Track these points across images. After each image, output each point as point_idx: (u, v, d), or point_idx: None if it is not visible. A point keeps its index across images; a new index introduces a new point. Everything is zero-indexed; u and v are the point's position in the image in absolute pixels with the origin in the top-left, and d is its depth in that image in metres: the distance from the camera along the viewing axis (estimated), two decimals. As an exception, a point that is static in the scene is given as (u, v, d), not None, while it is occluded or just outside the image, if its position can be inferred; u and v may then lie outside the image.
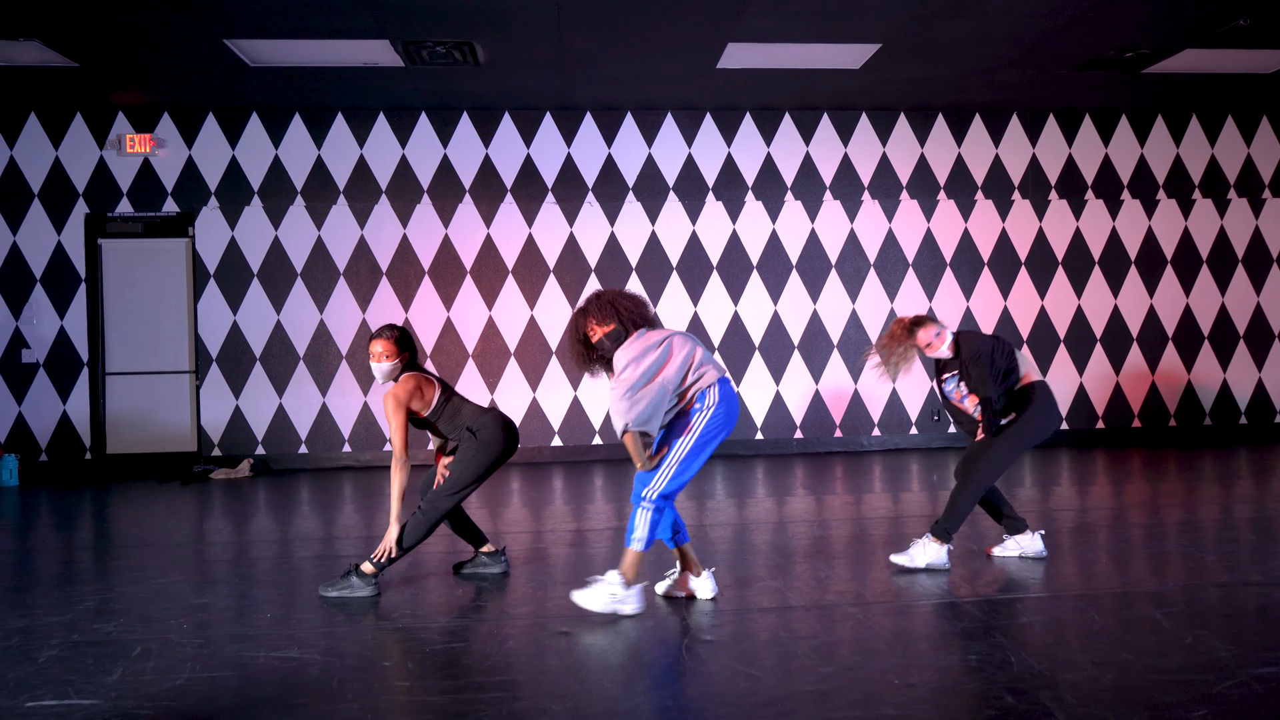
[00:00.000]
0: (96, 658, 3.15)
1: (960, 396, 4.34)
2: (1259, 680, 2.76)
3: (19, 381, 8.05)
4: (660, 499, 3.51)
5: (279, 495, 6.86)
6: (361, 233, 8.25)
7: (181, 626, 3.50)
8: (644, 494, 3.52)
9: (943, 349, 4.28)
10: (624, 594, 3.50)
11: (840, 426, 8.60)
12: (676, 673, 3.00)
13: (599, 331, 3.59)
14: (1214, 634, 3.18)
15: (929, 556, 4.12)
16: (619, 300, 3.63)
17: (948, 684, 2.84)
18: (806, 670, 2.94)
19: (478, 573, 4.23)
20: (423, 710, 2.69)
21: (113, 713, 2.67)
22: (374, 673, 2.99)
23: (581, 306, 3.68)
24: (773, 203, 8.54)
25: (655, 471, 3.53)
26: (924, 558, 4.12)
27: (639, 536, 3.52)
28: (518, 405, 8.27)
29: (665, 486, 3.51)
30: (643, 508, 3.52)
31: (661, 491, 3.51)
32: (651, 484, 3.51)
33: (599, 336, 3.59)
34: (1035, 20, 6.45)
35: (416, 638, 3.39)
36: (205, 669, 3.03)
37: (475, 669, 3.05)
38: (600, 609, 3.48)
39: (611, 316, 3.59)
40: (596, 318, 3.60)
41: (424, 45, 6.64)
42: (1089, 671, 2.86)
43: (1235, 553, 4.45)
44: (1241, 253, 8.94)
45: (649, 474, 3.54)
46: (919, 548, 4.14)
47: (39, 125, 8.06)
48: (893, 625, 3.41)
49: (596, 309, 3.61)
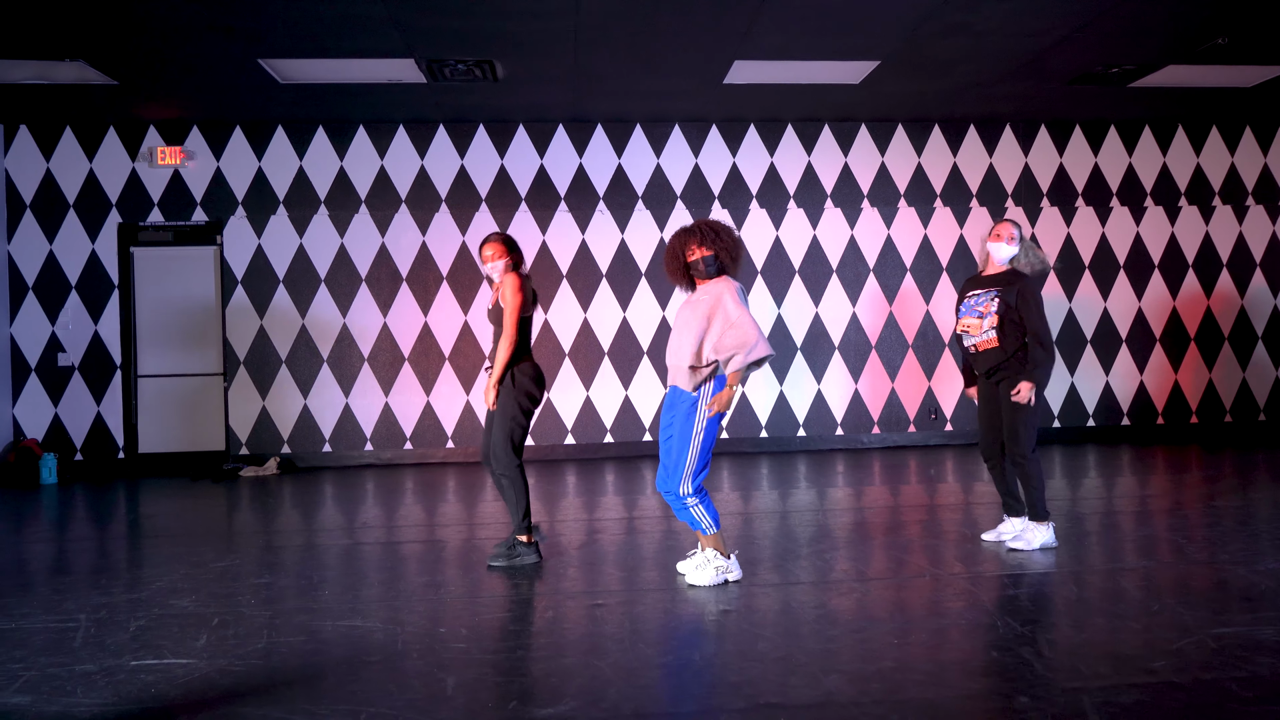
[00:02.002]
0: (181, 627, 3.52)
1: (985, 312, 4.51)
2: (1214, 639, 3.13)
3: (56, 384, 8.42)
4: (696, 492, 3.96)
5: (306, 492, 7.22)
6: (382, 240, 8.62)
7: (250, 602, 3.87)
8: (681, 494, 3.94)
9: (1007, 249, 4.54)
10: (726, 564, 4.02)
11: (841, 425, 8.97)
12: (704, 635, 3.37)
13: (697, 253, 3.96)
14: (1177, 603, 3.56)
15: (1042, 538, 4.49)
16: (722, 234, 3.99)
17: (939, 644, 3.21)
18: (815, 634, 3.32)
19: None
20: (480, 664, 3.06)
21: (210, 669, 3.04)
22: (434, 637, 3.36)
23: (689, 227, 4.03)
24: (776, 210, 8.92)
25: (679, 475, 3.93)
26: (1038, 539, 4.48)
27: (707, 525, 3.99)
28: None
29: (693, 481, 3.95)
30: (689, 505, 3.96)
31: (693, 487, 3.96)
32: (681, 484, 3.94)
33: (696, 258, 3.97)
34: (1026, 40, 6.83)
35: (467, 609, 3.76)
36: (282, 635, 3.39)
37: (523, 633, 3.42)
38: (710, 582, 3.95)
39: (712, 244, 3.96)
40: (698, 240, 3.96)
41: (446, 63, 7.02)
42: (1065, 633, 3.24)
43: (1213, 539, 4.83)
44: (1226, 258, 9.33)
45: (673, 478, 3.94)
46: (1032, 532, 4.49)
47: (74, 139, 8.44)
48: (890, 598, 3.79)
49: (700, 234, 3.97)
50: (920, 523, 5.33)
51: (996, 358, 4.56)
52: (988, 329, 4.53)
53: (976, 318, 4.58)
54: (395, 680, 2.92)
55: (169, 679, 2.97)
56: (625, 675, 2.94)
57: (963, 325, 4.66)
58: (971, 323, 4.60)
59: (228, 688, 2.88)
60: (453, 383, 8.67)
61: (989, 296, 4.56)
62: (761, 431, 8.90)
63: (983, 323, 4.55)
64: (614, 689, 2.83)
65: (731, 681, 2.89)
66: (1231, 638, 3.15)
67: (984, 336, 4.55)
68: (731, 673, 2.97)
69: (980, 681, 2.86)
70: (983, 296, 4.60)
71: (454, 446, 8.69)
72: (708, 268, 3.96)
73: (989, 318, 4.53)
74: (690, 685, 2.88)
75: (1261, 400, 9.37)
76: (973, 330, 4.59)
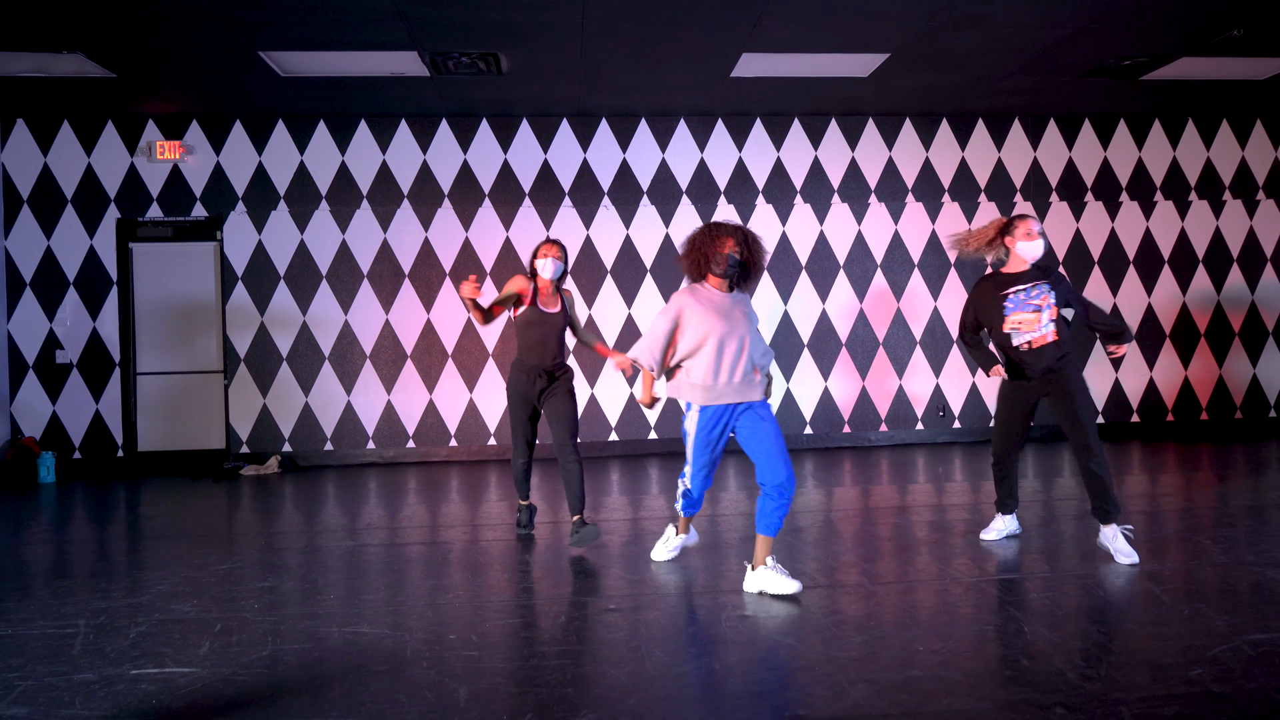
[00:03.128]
0: (183, 633, 3.41)
1: (1044, 304, 4.33)
2: (1252, 645, 3.03)
3: (54, 381, 8.30)
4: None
5: (308, 491, 7.12)
6: (384, 236, 8.51)
7: (253, 607, 3.77)
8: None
9: (1040, 248, 4.47)
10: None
11: (849, 423, 8.87)
12: (721, 642, 3.27)
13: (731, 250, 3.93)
14: (1210, 607, 3.46)
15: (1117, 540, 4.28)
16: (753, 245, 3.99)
17: (966, 651, 3.11)
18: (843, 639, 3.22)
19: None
20: (492, 674, 2.96)
21: (212, 679, 2.94)
22: (443, 644, 3.26)
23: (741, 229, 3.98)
24: (782, 206, 8.81)
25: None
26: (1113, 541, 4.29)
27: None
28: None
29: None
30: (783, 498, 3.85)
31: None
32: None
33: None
34: (1040, 32, 6.72)
35: (475, 614, 3.65)
36: (286, 642, 3.29)
37: (535, 640, 3.31)
38: (789, 589, 3.75)
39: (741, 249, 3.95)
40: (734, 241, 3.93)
41: (450, 56, 6.90)
42: (1096, 639, 3.14)
43: (1232, 538, 4.73)
44: (1236, 252, 9.23)
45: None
46: (1111, 538, 4.27)
47: (72, 133, 8.31)
48: (911, 602, 3.69)
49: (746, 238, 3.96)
50: (930, 523, 5.23)
51: (1054, 353, 4.36)
52: (1047, 323, 4.33)
53: (1032, 312, 4.35)
54: (405, 690, 2.82)
55: (171, 689, 2.86)
56: (644, 684, 2.84)
57: (1013, 322, 4.41)
58: (1025, 318, 4.38)
59: (231, 698, 2.77)
60: (455, 381, 8.56)
61: (1042, 290, 4.36)
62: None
63: (1041, 316, 4.34)
64: (633, 699, 2.72)
65: (755, 691, 2.79)
66: (1271, 644, 3.05)
67: (1042, 331, 4.33)
68: (754, 682, 2.87)
69: (1014, 691, 2.76)
70: (1033, 291, 4.38)
71: (456, 445, 8.58)
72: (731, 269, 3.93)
73: (1048, 310, 4.35)
74: (713, 696, 2.78)
75: (1271, 397, 9.27)
76: (1027, 326, 4.36)
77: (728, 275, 3.87)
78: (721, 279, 3.90)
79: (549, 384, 4.88)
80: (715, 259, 3.86)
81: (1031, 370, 4.41)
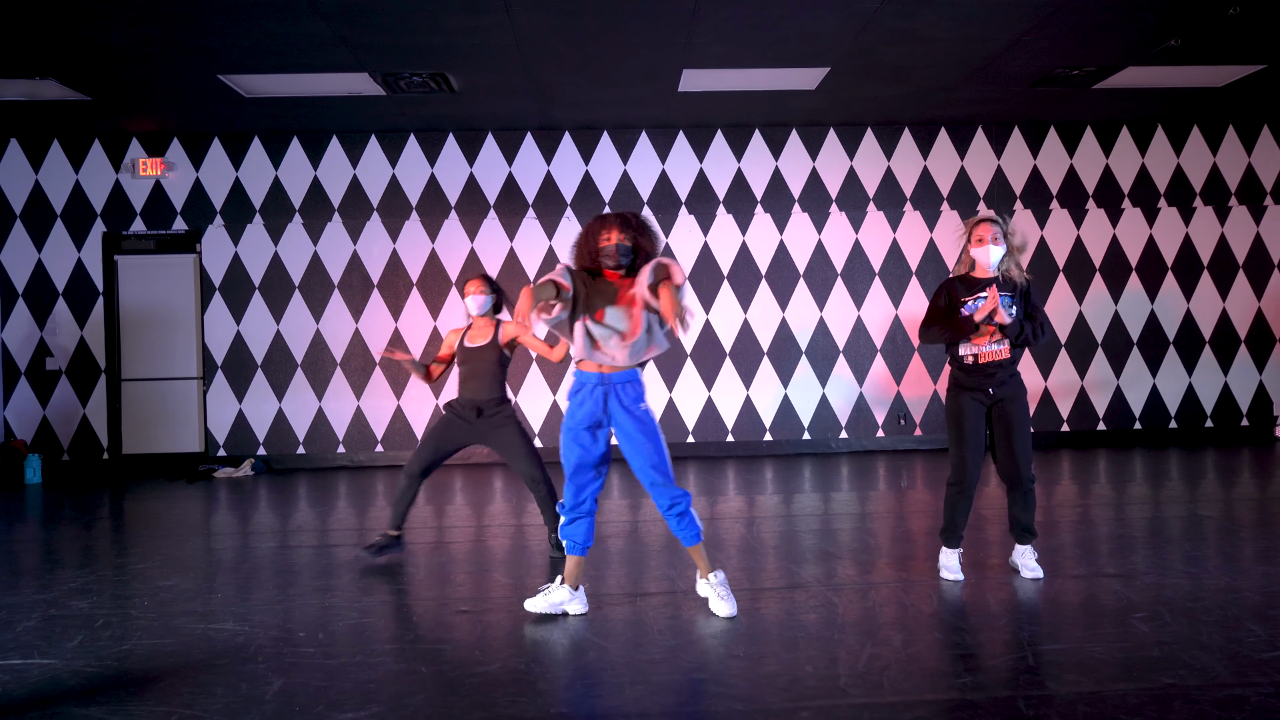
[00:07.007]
0: (64, 628, 3.70)
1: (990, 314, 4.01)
2: (1036, 655, 3.14)
3: (44, 387, 8.75)
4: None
5: (273, 493, 7.43)
6: (355, 248, 8.82)
7: (143, 604, 4.04)
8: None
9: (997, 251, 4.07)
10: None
11: (808, 429, 8.97)
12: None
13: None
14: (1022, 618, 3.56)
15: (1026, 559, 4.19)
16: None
17: (774, 655, 3.26)
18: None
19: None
20: (313, 669, 3.18)
21: (64, 670, 3.21)
22: (289, 641, 3.49)
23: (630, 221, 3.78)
24: (743, 216, 8.95)
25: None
26: (1023, 558, 4.20)
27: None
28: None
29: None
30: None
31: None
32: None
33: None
34: (974, 44, 6.79)
35: (337, 615, 3.88)
36: (150, 637, 3.55)
37: (372, 639, 3.53)
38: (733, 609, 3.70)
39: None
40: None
41: (401, 76, 7.17)
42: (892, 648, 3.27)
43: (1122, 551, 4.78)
44: (1207, 259, 9.15)
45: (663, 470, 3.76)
46: (1024, 556, 4.18)
47: (61, 152, 8.76)
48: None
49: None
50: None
51: (1008, 370, 4.11)
52: (999, 340, 4.06)
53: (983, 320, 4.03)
54: (226, 682, 3.05)
55: (21, 679, 3.13)
56: (449, 685, 3.03)
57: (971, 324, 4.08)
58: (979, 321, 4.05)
59: (72, 688, 3.03)
60: (422, 388, 8.84)
61: (1004, 303, 4.03)
62: (728, 436, 8.94)
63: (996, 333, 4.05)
64: (421, 695, 2.92)
65: (540, 690, 2.97)
66: (1058, 655, 3.15)
67: (995, 347, 4.06)
68: (561, 684, 3.05)
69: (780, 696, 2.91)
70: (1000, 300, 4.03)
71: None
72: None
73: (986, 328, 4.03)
74: (488, 693, 2.97)
75: (1207, 405, 9.16)
76: (981, 340, 4.09)
77: (620, 265, 3.76)
78: (615, 270, 3.77)
79: (479, 418, 4.69)
80: (604, 253, 3.71)
81: (992, 385, 4.12)
